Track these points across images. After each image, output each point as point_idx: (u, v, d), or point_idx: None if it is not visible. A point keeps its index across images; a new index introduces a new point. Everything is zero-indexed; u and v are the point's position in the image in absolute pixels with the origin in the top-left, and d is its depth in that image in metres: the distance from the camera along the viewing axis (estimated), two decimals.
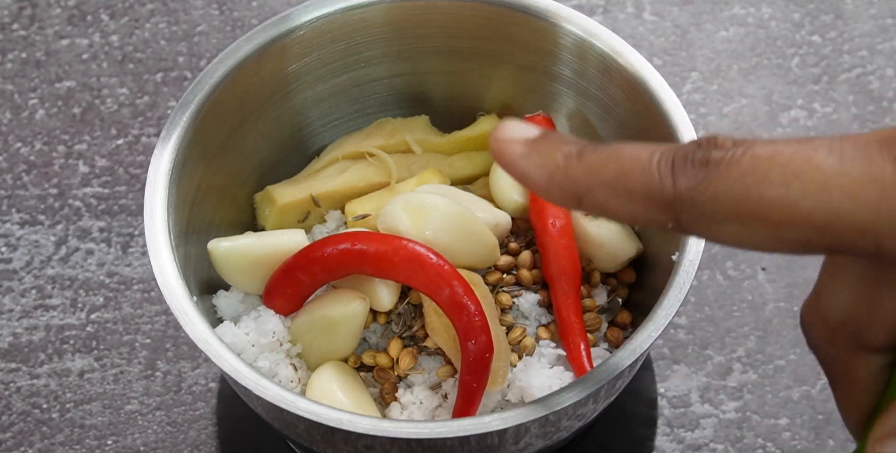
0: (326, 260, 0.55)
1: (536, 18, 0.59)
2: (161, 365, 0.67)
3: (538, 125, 0.43)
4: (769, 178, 0.36)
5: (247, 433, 0.66)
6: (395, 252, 0.54)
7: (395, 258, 0.54)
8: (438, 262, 0.54)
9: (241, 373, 0.50)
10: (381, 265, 0.55)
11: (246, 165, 0.62)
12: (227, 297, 0.59)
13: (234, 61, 0.58)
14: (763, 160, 0.37)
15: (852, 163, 0.36)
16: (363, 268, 0.55)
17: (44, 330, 0.68)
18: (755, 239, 0.37)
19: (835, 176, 0.36)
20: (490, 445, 0.50)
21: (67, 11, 0.79)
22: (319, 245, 0.56)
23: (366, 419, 0.49)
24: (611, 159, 0.40)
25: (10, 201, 0.72)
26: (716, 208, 0.37)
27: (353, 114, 0.65)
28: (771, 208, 0.36)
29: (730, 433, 0.65)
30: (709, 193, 0.37)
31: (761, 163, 0.37)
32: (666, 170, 0.38)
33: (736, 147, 0.37)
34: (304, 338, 0.57)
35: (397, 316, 0.58)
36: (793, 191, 0.36)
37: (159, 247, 0.53)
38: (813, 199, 0.36)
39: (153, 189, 0.54)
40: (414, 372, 0.56)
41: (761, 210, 0.37)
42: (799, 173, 0.36)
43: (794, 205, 0.36)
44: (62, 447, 0.65)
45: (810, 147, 0.37)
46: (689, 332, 0.68)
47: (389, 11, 0.60)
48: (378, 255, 0.54)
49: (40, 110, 0.75)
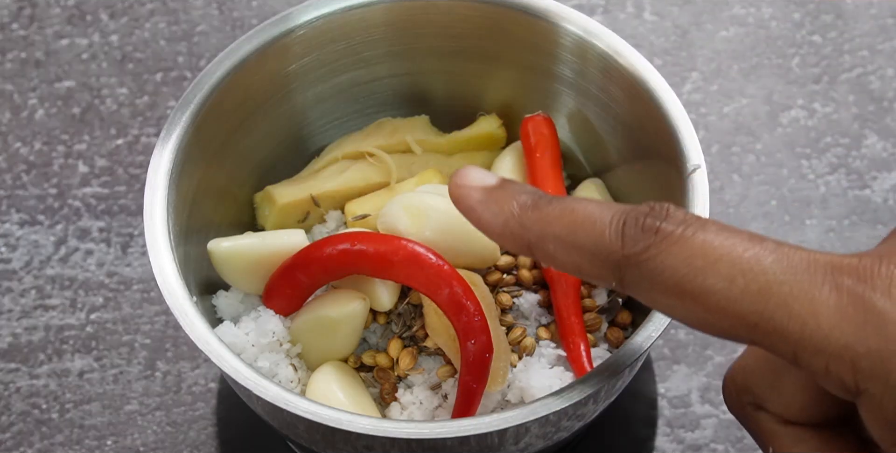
0: (326, 260, 0.55)
1: (536, 18, 0.59)
2: (161, 365, 0.67)
3: (493, 174, 0.46)
4: (716, 269, 0.38)
5: (247, 433, 0.66)
6: (394, 252, 0.54)
7: (395, 258, 0.54)
8: (438, 262, 0.54)
9: (241, 374, 0.50)
10: (380, 265, 0.55)
11: (246, 165, 0.62)
12: (227, 297, 0.59)
13: (234, 61, 0.58)
14: (714, 249, 0.39)
15: (796, 276, 0.38)
16: (362, 269, 0.55)
17: (43, 330, 0.68)
18: (688, 317, 0.40)
19: (777, 283, 0.38)
20: (490, 445, 0.50)
21: (67, 11, 0.79)
22: (319, 245, 0.55)
23: (366, 419, 0.49)
24: (564, 213, 0.42)
25: (10, 201, 0.72)
26: (658, 279, 0.39)
27: (353, 114, 0.64)
28: (710, 296, 0.38)
29: (730, 433, 0.65)
30: (655, 263, 0.39)
31: (712, 252, 0.39)
32: (616, 230, 0.40)
33: (688, 225, 0.39)
34: (304, 338, 0.57)
35: (397, 316, 0.58)
36: (735, 287, 0.38)
37: (159, 247, 0.53)
38: (751, 300, 0.38)
39: (153, 189, 0.54)
40: (414, 373, 0.56)
41: (701, 295, 0.39)
42: (745, 272, 0.38)
43: (732, 300, 0.38)
44: (62, 447, 0.65)
45: (762, 248, 0.39)
46: (689, 332, 0.68)
47: (389, 11, 0.60)
48: (377, 255, 0.54)
49: (40, 110, 0.75)
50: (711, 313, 0.39)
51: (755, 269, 0.38)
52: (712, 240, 0.39)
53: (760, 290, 0.38)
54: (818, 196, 0.72)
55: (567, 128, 0.63)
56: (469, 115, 0.65)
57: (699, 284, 0.39)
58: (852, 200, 0.72)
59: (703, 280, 0.38)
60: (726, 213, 0.72)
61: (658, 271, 0.39)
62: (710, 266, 0.38)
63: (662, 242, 0.39)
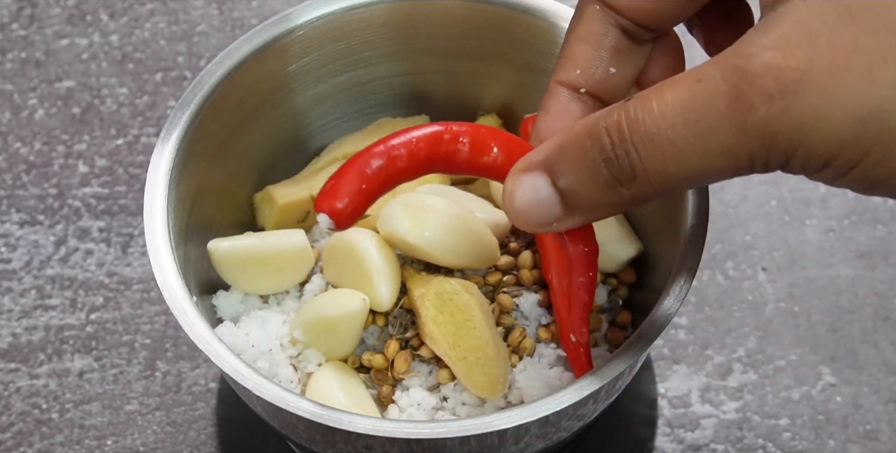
0: (416, 146, 0.49)
1: (536, 18, 0.59)
2: (161, 365, 0.67)
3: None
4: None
5: (247, 433, 0.66)
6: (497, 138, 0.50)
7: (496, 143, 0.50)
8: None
9: (241, 374, 0.50)
10: (478, 153, 0.50)
11: (246, 165, 0.62)
12: (227, 297, 0.59)
13: (234, 61, 0.58)
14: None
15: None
16: (458, 159, 0.50)
17: (43, 330, 0.68)
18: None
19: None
20: (490, 445, 0.50)
21: (67, 11, 0.79)
22: (402, 135, 0.50)
23: (366, 419, 0.49)
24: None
25: (10, 201, 0.72)
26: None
27: (353, 114, 0.65)
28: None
29: (730, 433, 0.65)
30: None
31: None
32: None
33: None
34: (304, 337, 0.57)
35: (394, 318, 0.58)
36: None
37: (159, 247, 0.53)
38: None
39: (153, 189, 0.54)
40: (408, 376, 0.56)
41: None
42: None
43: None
44: (62, 447, 0.65)
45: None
46: (689, 332, 0.68)
47: (389, 11, 0.60)
48: (476, 141, 0.50)
49: (40, 110, 0.75)
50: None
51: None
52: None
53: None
54: (818, 196, 0.72)
55: None
56: (469, 115, 0.65)
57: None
58: (852, 200, 0.72)
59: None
60: (726, 213, 0.72)
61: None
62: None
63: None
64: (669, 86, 0.41)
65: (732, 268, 0.70)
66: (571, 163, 0.43)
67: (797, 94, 0.38)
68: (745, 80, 0.39)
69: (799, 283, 0.69)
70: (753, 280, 0.69)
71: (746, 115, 0.39)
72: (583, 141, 0.42)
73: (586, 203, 0.44)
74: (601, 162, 0.42)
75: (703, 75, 0.40)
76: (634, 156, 0.41)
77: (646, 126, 0.41)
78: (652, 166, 0.41)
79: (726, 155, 0.40)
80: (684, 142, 0.40)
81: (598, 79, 0.48)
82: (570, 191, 0.44)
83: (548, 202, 0.44)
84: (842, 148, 0.39)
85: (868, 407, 0.66)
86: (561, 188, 0.44)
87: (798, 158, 0.39)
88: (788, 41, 0.39)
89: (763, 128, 0.39)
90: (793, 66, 0.38)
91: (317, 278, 0.59)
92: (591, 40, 0.48)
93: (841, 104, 0.38)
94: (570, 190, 0.43)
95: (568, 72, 0.48)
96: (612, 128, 0.41)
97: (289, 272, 0.59)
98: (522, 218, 0.45)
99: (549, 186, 0.44)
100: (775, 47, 0.39)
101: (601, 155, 0.42)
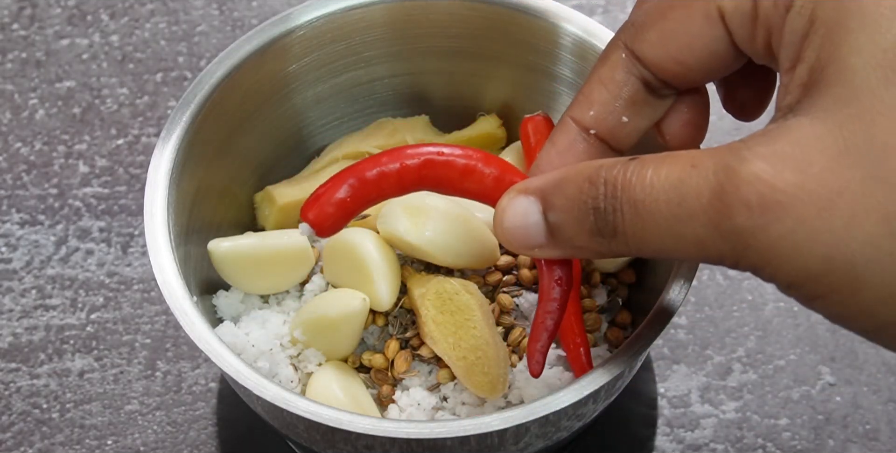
0: (403, 171, 0.50)
1: (536, 18, 0.59)
2: (161, 365, 0.67)
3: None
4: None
5: (247, 433, 0.66)
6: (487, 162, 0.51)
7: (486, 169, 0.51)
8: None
9: (241, 373, 0.50)
10: (466, 175, 0.51)
11: (246, 165, 0.62)
12: (227, 297, 0.59)
13: (234, 61, 0.58)
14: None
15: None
16: (444, 181, 0.51)
17: (44, 330, 0.68)
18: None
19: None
20: (490, 445, 0.50)
21: (67, 11, 0.79)
22: (395, 155, 0.50)
23: (366, 419, 0.49)
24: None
25: (10, 201, 0.72)
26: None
27: (353, 114, 0.65)
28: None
29: (730, 433, 0.65)
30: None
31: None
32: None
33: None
34: (304, 337, 0.57)
35: (394, 318, 0.58)
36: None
37: (159, 247, 0.53)
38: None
39: (153, 189, 0.54)
40: (408, 375, 0.56)
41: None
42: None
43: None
44: (62, 447, 0.65)
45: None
46: (689, 332, 0.68)
47: (389, 11, 0.60)
48: (465, 167, 0.51)
49: (40, 110, 0.75)
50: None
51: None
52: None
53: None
54: None
55: None
56: (469, 115, 0.65)
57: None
58: None
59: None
60: None
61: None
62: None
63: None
64: (669, 160, 0.41)
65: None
66: (565, 200, 0.44)
67: (776, 217, 0.38)
68: (732, 183, 0.39)
69: None
70: (753, 280, 0.69)
71: (723, 218, 0.39)
72: (581, 183, 0.43)
73: (569, 241, 0.44)
74: (591, 208, 0.43)
75: (699, 162, 0.40)
76: (619, 215, 0.42)
77: (635, 192, 0.41)
78: (632, 230, 0.42)
79: (699, 246, 0.40)
80: (664, 220, 0.40)
81: (609, 125, 0.48)
82: (556, 226, 0.44)
83: (535, 228, 0.45)
84: (807, 280, 0.39)
85: (868, 406, 0.66)
86: (549, 220, 0.45)
87: (766, 275, 0.40)
88: (784, 160, 0.39)
89: (737, 235, 0.39)
90: (779, 186, 0.38)
91: (317, 278, 0.59)
92: (609, 86, 0.47)
93: (815, 241, 0.38)
94: (558, 225, 0.44)
95: (582, 111, 0.48)
96: (610, 181, 0.42)
97: (289, 272, 0.59)
98: (508, 236, 0.46)
99: (539, 214, 0.45)
100: (769, 161, 0.39)
101: (592, 202, 0.42)
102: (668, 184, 0.40)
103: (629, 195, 0.41)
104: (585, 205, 0.43)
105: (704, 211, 0.40)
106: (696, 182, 0.40)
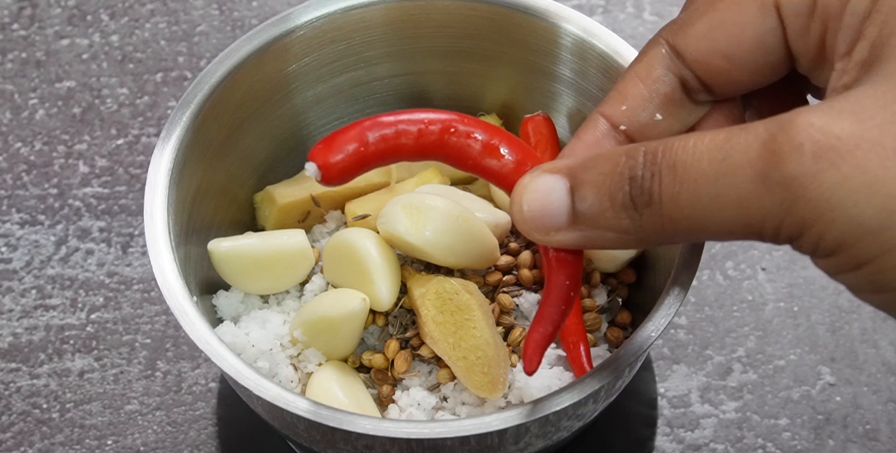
0: (422, 135, 0.48)
1: (536, 18, 0.59)
2: (161, 365, 0.67)
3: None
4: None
5: (247, 433, 0.66)
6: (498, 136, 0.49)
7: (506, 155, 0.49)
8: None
9: (241, 373, 0.50)
10: (487, 153, 0.49)
11: (246, 165, 0.62)
12: (227, 297, 0.59)
13: (234, 61, 0.58)
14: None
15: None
16: (462, 157, 0.49)
17: (44, 330, 0.68)
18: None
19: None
20: (490, 445, 0.50)
21: (67, 11, 0.79)
22: (417, 119, 0.48)
23: (366, 419, 0.49)
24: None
25: (10, 201, 0.72)
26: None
27: (353, 114, 0.65)
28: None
29: (730, 433, 0.65)
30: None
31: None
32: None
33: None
34: (304, 337, 0.57)
35: (394, 318, 0.58)
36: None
37: (159, 247, 0.53)
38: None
39: (153, 189, 0.54)
40: (408, 375, 0.56)
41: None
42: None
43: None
44: (62, 447, 0.65)
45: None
46: (689, 332, 0.68)
47: (389, 11, 0.60)
48: (486, 146, 0.49)
49: (40, 110, 0.75)
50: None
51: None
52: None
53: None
54: None
55: (567, 129, 0.63)
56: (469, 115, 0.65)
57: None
58: None
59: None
60: None
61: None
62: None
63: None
64: (715, 130, 0.40)
65: (732, 268, 0.70)
66: (598, 175, 0.42)
67: (831, 163, 0.36)
68: (784, 132, 0.37)
69: (798, 283, 0.69)
70: (753, 280, 0.69)
71: (773, 167, 0.37)
72: (618, 157, 0.41)
73: (593, 219, 0.42)
74: (627, 178, 0.41)
75: (748, 126, 0.39)
76: (657, 179, 0.40)
77: (676, 154, 0.39)
78: (668, 194, 0.40)
79: (740, 206, 0.38)
80: (703, 178, 0.39)
81: (642, 121, 0.47)
82: (584, 203, 0.42)
83: (557, 205, 0.43)
84: (862, 236, 0.36)
85: (867, 406, 0.66)
86: (576, 199, 0.43)
87: (812, 233, 0.37)
88: (840, 111, 0.37)
89: (787, 186, 0.37)
90: (835, 132, 0.36)
91: (317, 278, 0.59)
92: (646, 81, 0.46)
93: (874, 191, 0.36)
94: (585, 202, 0.42)
95: (614, 106, 0.47)
96: (650, 150, 0.40)
97: (289, 272, 0.59)
98: (526, 217, 0.44)
99: (564, 192, 0.43)
100: (824, 112, 0.37)
101: (630, 172, 0.41)
102: (714, 144, 0.38)
103: (670, 158, 0.39)
104: (622, 176, 0.41)
105: (751, 163, 0.37)
106: (745, 138, 0.38)
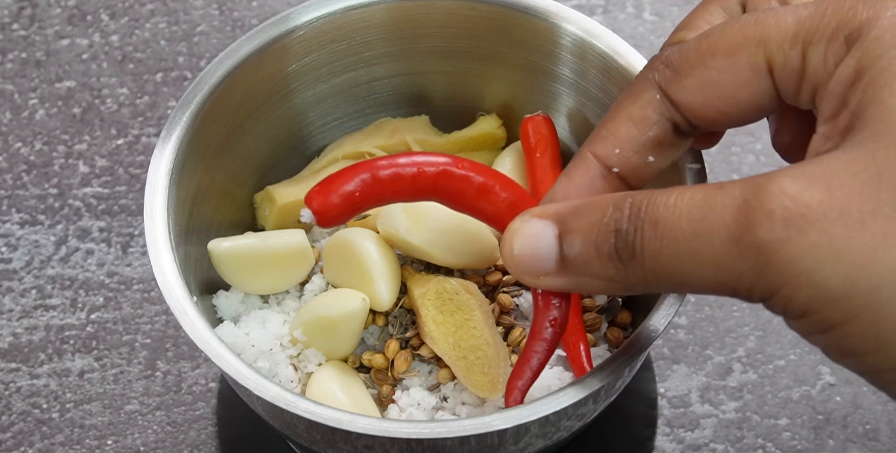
0: (416, 178, 0.49)
1: (536, 18, 0.59)
2: (161, 365, 0.67)
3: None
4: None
5: (247, 433, 0.66)
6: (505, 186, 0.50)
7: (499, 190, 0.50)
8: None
9: (241, 373, 0.50)
10: (480, 194, 0.50)
11: (246, 165, 0.62)
12: (227, 297, 0.59)
13: (234, 61, 0.58)
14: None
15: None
16: (456, 195, 0.50)
17: (44, 330, 0.68)
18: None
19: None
20: (490, 445, 0.50)
21: (67, 11, 0.79)
22: (405, 162, 0.50)
23: (366, 419, 0.49)
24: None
25: (10, 201, 0.72)
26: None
27: (353, 114, 0.65)
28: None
29: (730, 433, 0.65)
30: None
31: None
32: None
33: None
34: (304, 337, 0.57)
35: (394, 318, 0.58)
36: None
37: (159, 247, 0.53)
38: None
39: (153, 189, 0.54)
40: (409, 375, 0.56)
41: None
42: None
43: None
44: (62, 447, 0.65)
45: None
46: (689, 332, 0.68)
47: (389, 11, 0.60)
48: (483, 185, 0.50)
49: (40, 110, 0.75)
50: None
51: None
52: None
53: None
54: None
55: (567, 128, 0.63)
56: (469, 115, 0.65)
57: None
58: None
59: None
60: None
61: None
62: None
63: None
64: (697, 186, 0.41)
65: None
66: (587, 223, 0.43)
67: (800, 230, 0.37)
68: (757, 197, 0.38)
69: None
70: None
71: (746, 231, 0.38)
72: (605, 206, 0.42)
73: (581, 267, 0.43)
74: (613, 230, 0.42)
75: (726, 185, 0.40)
76: (640, 234, 0.41)
77: (657, 211, 0.41)
78: (649, 250, 0.41)
79: (716, 266, 0.39)
80: (682, 236, 0.40)
81: (634, 164, 0.47)
82: (572, 251, 0.43)
83: (546, 251, 0.44)
84: (827, 302, 0.38)
85: (867, 406, 0.66)
86: (564, 245, 0.44)
87: (781, 297, 0.39)
88: (812, 179, 0.38)
89: (758, 250, 0.38)
90: (805, 201, 0.38)
91: (317, 278, 0.59)
92: (640, 125, 0.47)
93: (840, 259, 0.37)
94: (573, 249, 0.43)
95: (607, 147, 0.47)
96: (635, 204, 0.41)
97: (289, 272, 0.59)
98: (516, 260, 0.45)
99: (553, 238, 0.44)
100: (796, 178, 0.38)
101: (615, 224, 0.42)
102: (693, 203, 0.40)
103: (652, 213, 0.41)
104: (608, 227, 0.42)
105: (726, 226, 0.39)
106: (722, 199, 0.39)
